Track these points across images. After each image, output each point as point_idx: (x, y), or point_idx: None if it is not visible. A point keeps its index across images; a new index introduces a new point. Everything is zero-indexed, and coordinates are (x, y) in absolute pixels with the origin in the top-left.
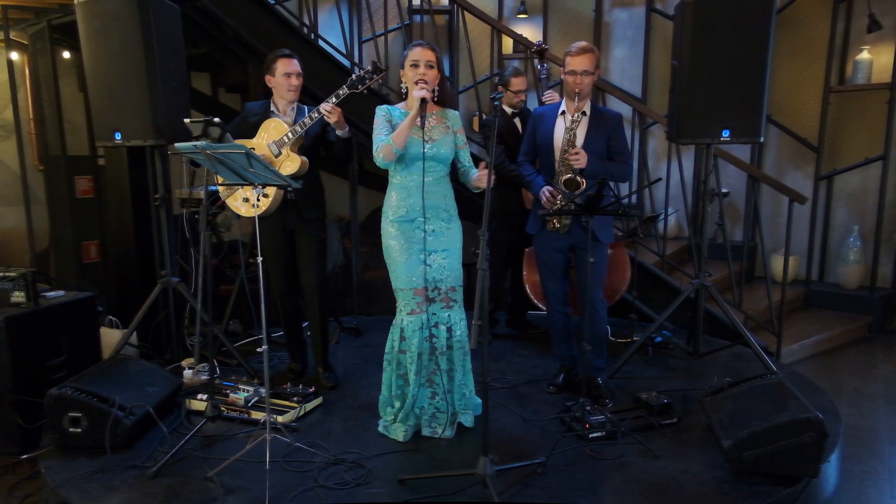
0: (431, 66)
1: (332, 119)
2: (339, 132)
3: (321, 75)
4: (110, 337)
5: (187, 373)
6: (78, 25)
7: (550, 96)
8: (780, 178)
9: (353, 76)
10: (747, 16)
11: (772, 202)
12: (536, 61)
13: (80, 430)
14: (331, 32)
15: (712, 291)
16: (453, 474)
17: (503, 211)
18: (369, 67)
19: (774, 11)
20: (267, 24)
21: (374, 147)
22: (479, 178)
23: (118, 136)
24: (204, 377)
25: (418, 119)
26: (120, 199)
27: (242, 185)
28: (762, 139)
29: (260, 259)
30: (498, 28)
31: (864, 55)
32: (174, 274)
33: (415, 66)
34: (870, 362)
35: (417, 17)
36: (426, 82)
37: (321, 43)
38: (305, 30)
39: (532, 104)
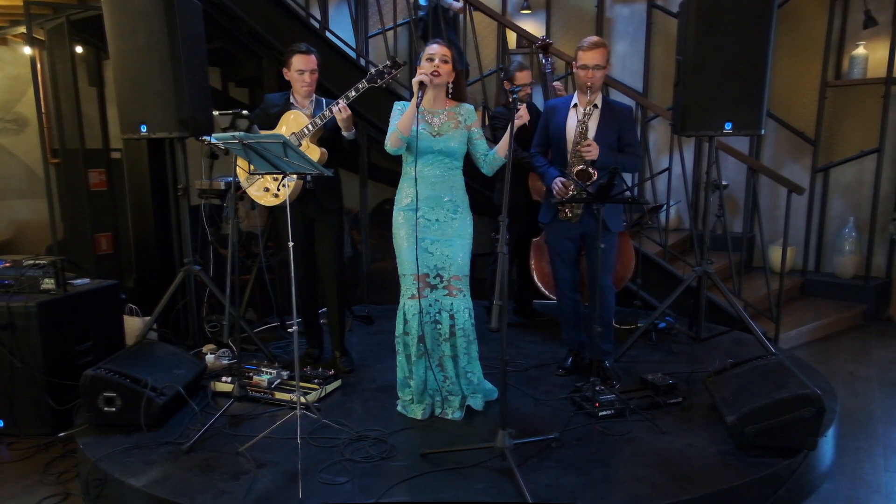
0: (446, 62)
1: (341, 117)
2: (344, 133)
3: (332, 69)
4: (131, 324)
5: (209, 357)
6: (105, 21)
7: (559, 87)
8: (778, 171)
9: (373, 70)
10: (749, 13)
11: (770, 194)
12: (541, 56)
13: (114, 409)
14: (338, 28)
15: (714, 278)
16: (473, 448)
17: (511, 202)
18: (388, 62)
19: (775, 8)
20: (280, 20)
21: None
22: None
23: (144, 129)
24: (225, 361)
25: (428, 114)
26: (140, 191)
27: (274, 173)
28: (763, 132)
29: (291, 244)
30: (503, 23)
31: (860, 50)
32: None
33: (430, 59)
34: (864, 348)
35: (423, 13)
36: (439, 74)
37: (332, 38)
38: (317, 25)
39: (536, 98)
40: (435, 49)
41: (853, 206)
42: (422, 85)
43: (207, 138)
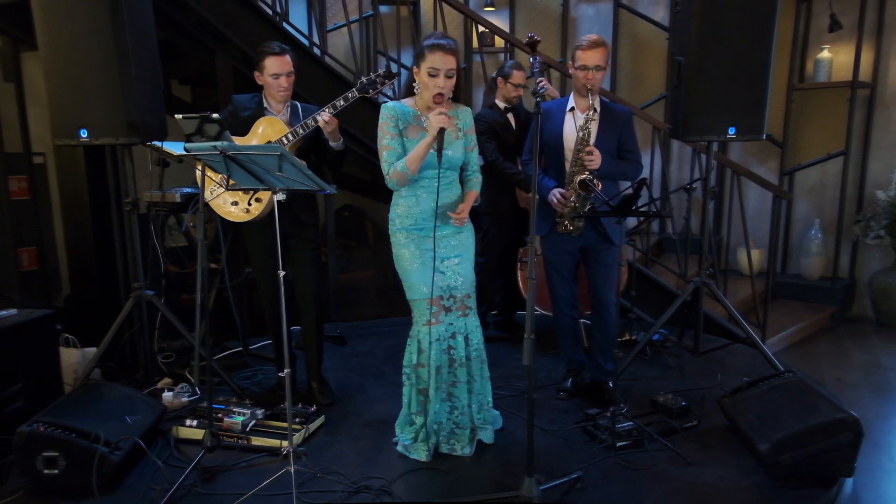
0: (451, 76)
1: (328, 129)
2: (332, 143)
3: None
4: (67, 357)
5: (167, 395)
6: (31, 5)
7: (544, 84)
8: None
9: (364, 79)
10: (752, 8)
11: (735, 197)
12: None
13: (56, 471)
14: (291, 18)
15: (715, 291)
16: (496, 497)
17: (494, 209)
18: (381, 72)
19: (778, 6)
20: (235, 10)
21: (385, 167)
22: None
23: (84, 134)
24: (186, 399)
25: (426, 120)
26: (75, 203)
27: (260, 189)
28: (764, 136)
29: (282, 273)
30: (470, 17)
31: (825, 54)
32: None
33: (434, 74)
34: (841, 352)
35: (384, 8)
36: (442, 96)
37: (296, 33)
38: (275, 16)
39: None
40: (440, 61)
41: (817, 208)
42: (442, 130)
43: (158, 144)
